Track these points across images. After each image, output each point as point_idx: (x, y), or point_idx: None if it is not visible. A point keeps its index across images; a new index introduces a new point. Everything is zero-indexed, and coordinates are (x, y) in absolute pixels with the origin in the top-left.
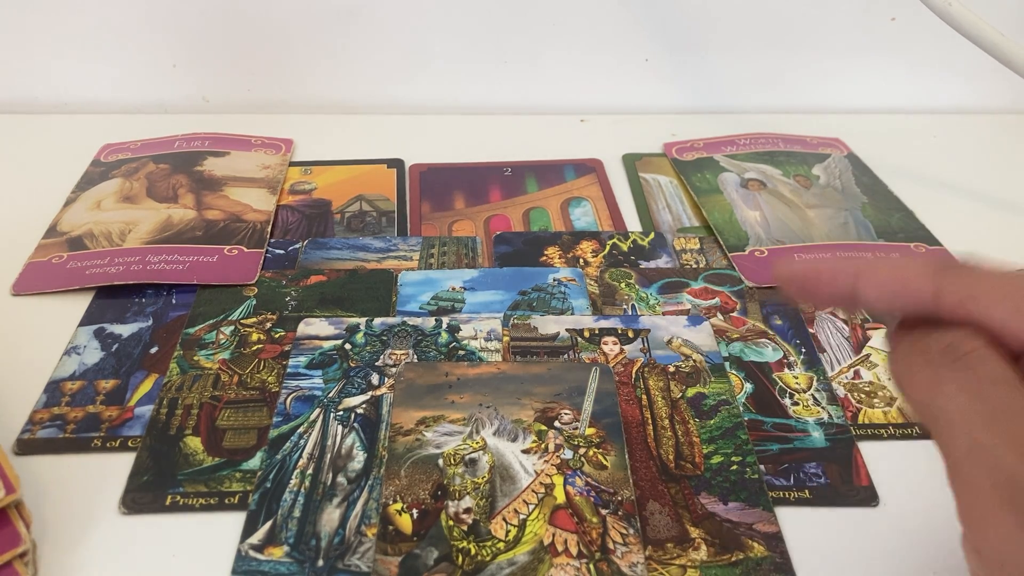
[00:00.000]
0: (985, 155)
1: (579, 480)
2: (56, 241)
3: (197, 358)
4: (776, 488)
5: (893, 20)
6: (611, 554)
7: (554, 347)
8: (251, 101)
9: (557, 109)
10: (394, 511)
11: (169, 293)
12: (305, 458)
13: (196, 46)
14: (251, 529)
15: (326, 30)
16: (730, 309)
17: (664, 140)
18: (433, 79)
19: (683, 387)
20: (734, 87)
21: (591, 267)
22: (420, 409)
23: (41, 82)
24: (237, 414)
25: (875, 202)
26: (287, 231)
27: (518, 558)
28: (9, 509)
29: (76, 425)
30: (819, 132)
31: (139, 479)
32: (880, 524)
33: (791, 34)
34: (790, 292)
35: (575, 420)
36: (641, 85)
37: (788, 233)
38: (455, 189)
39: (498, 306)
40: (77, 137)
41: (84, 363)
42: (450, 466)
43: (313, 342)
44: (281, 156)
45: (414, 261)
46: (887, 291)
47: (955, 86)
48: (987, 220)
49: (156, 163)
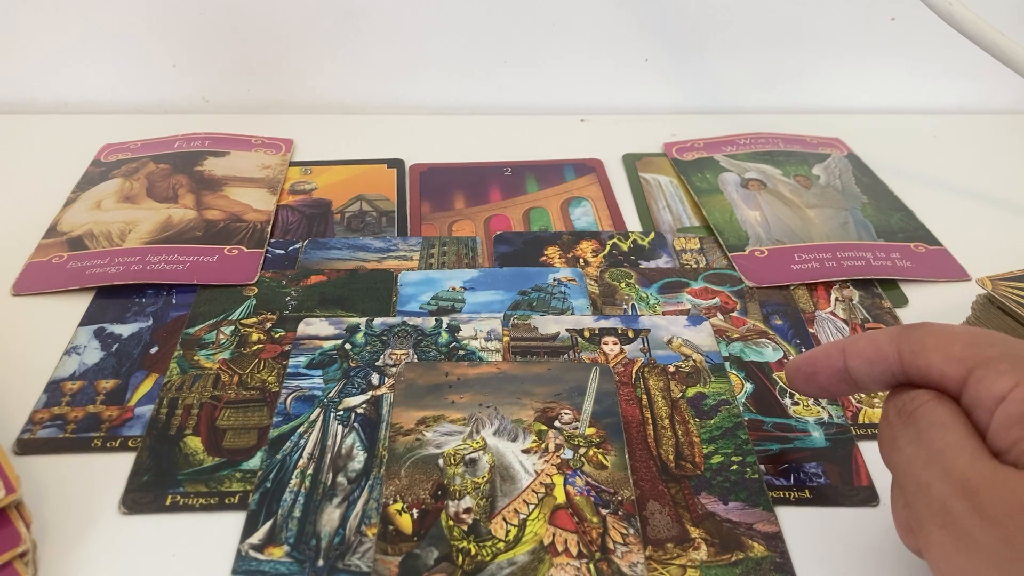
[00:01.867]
0: (985, 155)
1: (579, 480)
2: (56, 241)
3: (197, 358)
4: (776, 488)
5: (893, 20)
6: (611, 554)
7: (554, 347)
8: (251, 101)
9: (557, 109)
10: (394, 511)
11: (169, 293)
12: (305, 458)
13: (196, 46)
14: (251, 529)
15: (326, 30)
16: (730, 309)
17: (664, 140)
18: (433, 79)
19: (683, 387)
20: (734, 87)
21: (591, 267)
22: (420, 409)
23: (41, 82)
24: (237, 414)
25: (875, 202)
26: (287, 231)
27: (518, 558)
28: (9, 509)
29: (76, 425)
30: (819, 132)
31: (139, 479)
32: (880, 524)
33: (791, 34)
34: (799, 386)
35: (575, 420)
36: (641, 85)
37: (788, 233)
38: (455, 189)
39: (498, 306)
40: (77, 137)
41: (84, 363)
42: (450, 466)
43: (313, 342)
44: (281, 156)
45: (414, 261)
46: (867, 359)
47: (955, 86)
48: (987, 220)
49: (156, 163)
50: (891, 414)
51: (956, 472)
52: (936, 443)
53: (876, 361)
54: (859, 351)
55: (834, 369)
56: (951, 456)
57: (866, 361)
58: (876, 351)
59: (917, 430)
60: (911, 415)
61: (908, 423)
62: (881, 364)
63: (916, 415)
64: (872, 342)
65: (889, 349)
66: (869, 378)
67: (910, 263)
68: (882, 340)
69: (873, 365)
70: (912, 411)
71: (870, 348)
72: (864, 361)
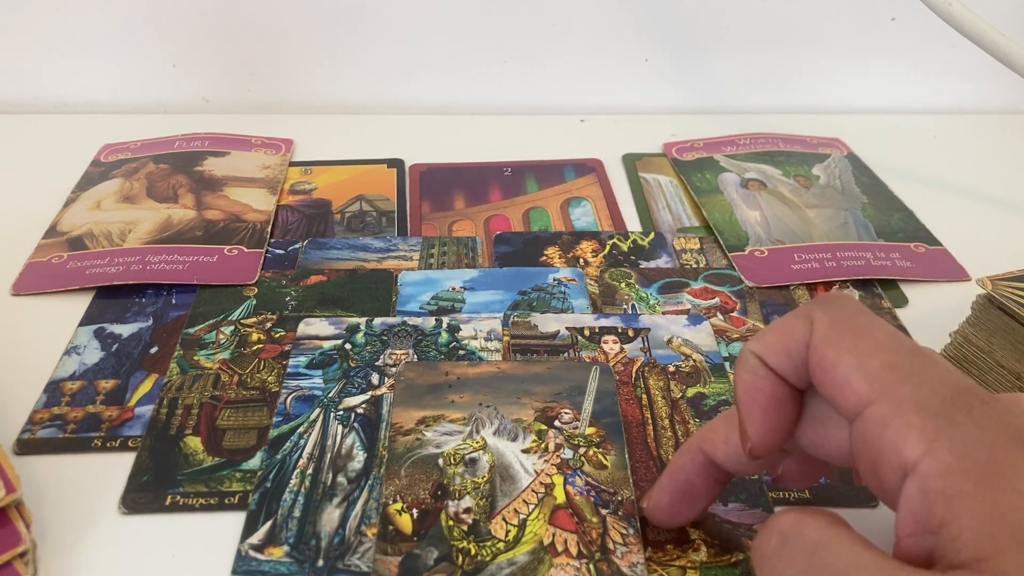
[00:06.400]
0: (985, 155)
1: (579, 480)
2: (56, 241)
3: (197, 358)
4: (776, 488)
5: (893, 20)
6: (611, 554)
7: (554, 346)
8: (251, 101)
9: (557, 109)
10: (394, 511)
11: (169, 293)
12: (305, 458)
13: (196, 46)
14: (251, 529)
15: (326, 30)
16: (730, 309)
17: (664, 140)
18: (433, 79)
19: (683, 387)
20: (734, 87)
21: (591, 267)
22: (420, 409)
23: (41, 82)
24: (237, 414)
25: (875, 202)
26: (287, 231)
27: (518, 558)
28: (9, 509)
29: (76, 425)
30: (819, 132)
31: (139, 479)
32: (880, 524)
33: (791, 34)
34: (674, 512)
35: (575, 420)
36: (641, 85)
37: (788, 233)
38: (455, 189)
39: (498, 306)
40: (77, 137)
41: (84, 363)
42: (450, 466)
43: (313, 342)
44: (281, 156)
45: (414, 261)
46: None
47: (955, 86)
48: (987, 220)
49: (156, 163)
50: (764, 547)
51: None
52: (832, 567)
53: (793, 347)
54: (771, 347)
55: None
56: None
57: (785, 355)
58: (789, 336)
59: (801, 556)
60: (786, 540)
61: (786, 550)
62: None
63: (791, 539)
64: (781, 331)
65: (801, 326)
66: (795, 375)
67: (910, 263)
68: (792, 323)
69: (793, 355)
70: (785, 533)
71: (781, 339)
72: (783, 356)
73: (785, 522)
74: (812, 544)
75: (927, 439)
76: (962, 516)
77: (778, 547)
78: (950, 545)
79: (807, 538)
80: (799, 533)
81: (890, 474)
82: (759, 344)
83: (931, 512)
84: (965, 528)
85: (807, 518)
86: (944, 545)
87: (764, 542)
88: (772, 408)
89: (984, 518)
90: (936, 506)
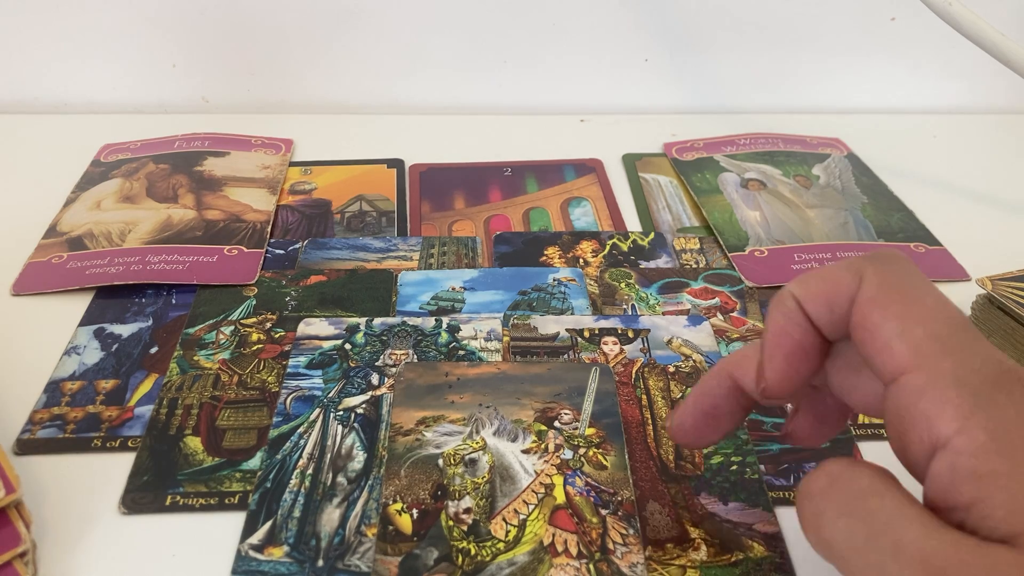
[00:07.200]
0: (985, 155)
1: (579, 480)
2: (56, 241)
3: (197, 358)
4: (776, 488)
5: (893, 20)
6: (611, 554)
7: (554, 347)
8: (251, 101)
9: (557, 109)
10: (394, 511)
11: (169, 293)
12: (305, 458)
13: (196, 46)
14: (251, 529)
15: (326, 30)
16: (730, 309)
17: (664, 140)
18: (433, 79)
19: (683, 387)
20: (734, 87)
21: (591, 267)
22: (420, 409)
23: (41, 82)
24: (237, 414)
25: (875, 202)
26: (287, 231)
27: (518, 558)
28: (9, 509)
29: (76, 425)
30: (819, 132)
31: (139, 479)
32: None
33: (791, 34)
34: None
35: (575, 420)
36: (641, 85)
37: (788, 233)
38: (455, 189)
39: (498, 306)
40: (77, 137)
41: (84, 363)
42: (450, 466)
43: (313, 342)
44: (281, 156)
45: (414, 261)
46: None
47: (955, 86)
48: (987, 220)
49: (156, 163)
50: (811, 487)
51: (911, 550)
52: (877, 514)
53: (836, 300)
54: (813, 294)
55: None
56: (899, 529)
57: (825, 305)
58: (834, 287)
59: (848, 499)
60: (835, 481)
61: (833, 491)
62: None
63: (840, 481)
64: (826, 280)
65: (849, 280)
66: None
67: None
68: (839, 275)
69: (834, 309)
70: (834, 479)
71: (824, 289)
72: (823, 306)
73: (838, 465)
74: (861, 489)
75: (962, 416)
76: (995, 495)
77: (826, 487)
78: (983, 523)
79: (857, 483)
80: (850, 477)
81: (918, 446)
82: (801, 288)
83: (960, 491)
84: (998, 507)
85: (860, 466)
86: (976, 523)
87: (812, 481)
88: (796, 356)
89: (1020, 497)
90: (965, 484)
